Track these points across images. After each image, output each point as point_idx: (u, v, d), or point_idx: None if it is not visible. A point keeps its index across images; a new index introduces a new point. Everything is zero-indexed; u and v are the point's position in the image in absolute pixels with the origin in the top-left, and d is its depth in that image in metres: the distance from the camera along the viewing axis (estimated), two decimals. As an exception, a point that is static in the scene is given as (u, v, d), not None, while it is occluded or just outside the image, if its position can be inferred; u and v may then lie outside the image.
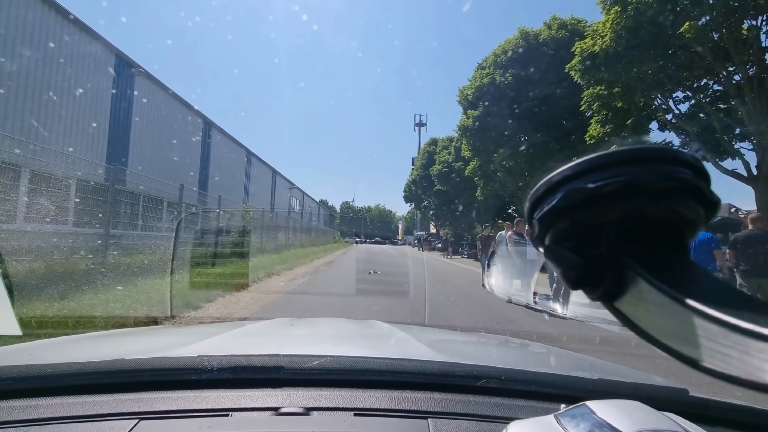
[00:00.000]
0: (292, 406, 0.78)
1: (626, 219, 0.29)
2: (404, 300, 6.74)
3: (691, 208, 0.29)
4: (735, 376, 0.22)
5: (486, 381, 0.87)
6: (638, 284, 0.28)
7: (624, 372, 1.28)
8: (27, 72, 9.66)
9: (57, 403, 0.78)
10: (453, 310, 6.21)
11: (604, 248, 0.30)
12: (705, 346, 0.24)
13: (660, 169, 0.28)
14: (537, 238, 0.33)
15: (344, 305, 6.35)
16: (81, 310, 4.32)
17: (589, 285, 0.31)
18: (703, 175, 0.29)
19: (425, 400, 0.82)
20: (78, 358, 0.91)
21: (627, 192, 0.28)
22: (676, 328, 0.25)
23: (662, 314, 0.26)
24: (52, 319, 3.89)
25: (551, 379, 0.94)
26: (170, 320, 4.60)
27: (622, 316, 0.30)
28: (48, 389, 0.81)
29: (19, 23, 9.52)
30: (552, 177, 0.31)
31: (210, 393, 0.82)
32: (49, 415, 0.74)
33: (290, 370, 0.87)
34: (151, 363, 0.87)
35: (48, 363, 0.85)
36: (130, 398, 0.80)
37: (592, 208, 0.29)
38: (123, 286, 5.64)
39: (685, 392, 0.88)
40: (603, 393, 0.78)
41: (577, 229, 0.30)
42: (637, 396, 0.67)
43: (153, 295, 5.31)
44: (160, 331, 1.91)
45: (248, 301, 6.26)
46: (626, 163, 0.29)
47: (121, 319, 4.14)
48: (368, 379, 0.88)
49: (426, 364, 0.92)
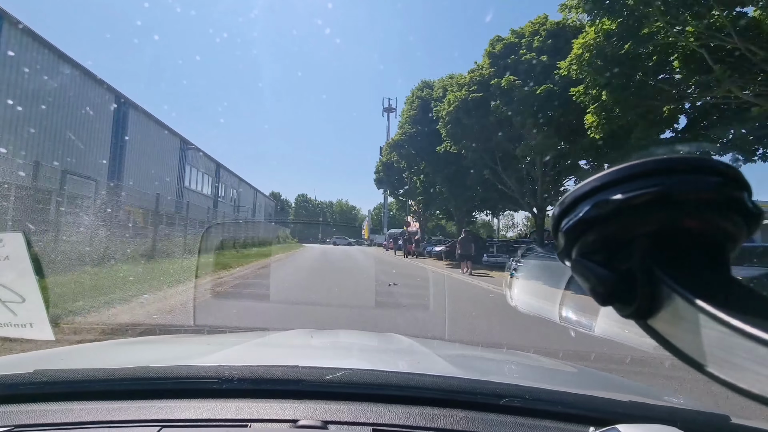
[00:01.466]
0: (311, 419, 0.77)
1: (660, 231, 0.28)
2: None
3: (730, 220, 0.27)
4: None
5: (509, 399, 0.84)
6: (674, 301, 0.26)
7: (658, 394, 1.21)
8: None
9: (85, 408, 0.80)
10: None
11: (636, 262, 0.28)
12: (750, 369, 0.22)
13: (695, 179, 0.27)
14: (563, 252, 0.32)
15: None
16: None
17: (620, 301, 0.29)
18: (743, 186, 0.27)
19: (446, 417, 0.80)
20: (106, 364, 0.94)
21: (660, 204, 0.27)
22: (717, 348, 0.24)
23: (701, 334, 0.25)
24: (87, 326, 4.03)
25: (579, 399, 0.89)
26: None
27: (657, 334, 0.28)
28: (78, 393, 0.84)
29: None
30: (580, 187, 0.30)
31: (230, 403, 0.83)
32: (77, 419, 0.77)
33: (309, 382, 0.87)
34: (174, 371, 0.89)
35: (78, 368, 0.89)
36: (154, 405, 0.81)
37: (622, 219, 0.28)
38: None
39: (727, 419, 0.82)
40: (635, 417, 0.74)
41: (606, 242, 0.29)
42: (672, 421, 0.63)
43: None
44: (184, 339, 1.95)
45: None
46: (659, 174, 0.27)
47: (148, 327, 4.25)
48: (388, 394, 0.87)
49: (447, 381, 0.90)
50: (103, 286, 6.04)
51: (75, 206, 8.71)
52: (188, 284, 7.26)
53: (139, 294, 6.03)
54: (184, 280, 7.70)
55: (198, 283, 7.85)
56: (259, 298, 6.67)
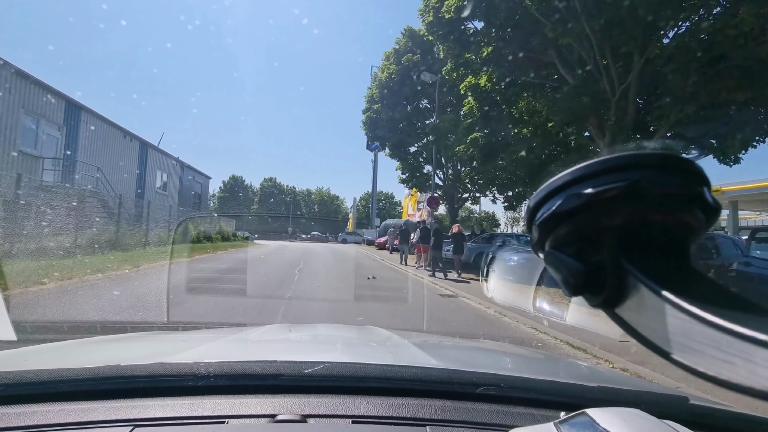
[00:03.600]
0: (290, 413, 0.77)
1: (628, 225, 0.29)
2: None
3: (692, 214, 0.29)
4: (738, 384, 0.22)
5: (485, 388, 0.87)
6: (639, 291, 0.28)
7: (624, 379, 1.27)
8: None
9: (51, 409, 0.77)
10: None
11: (605, 254, 0.29)
12: (707, 354, 0.23)
13: (661, 175, 0.28)
14: (537, 244, 0.32)
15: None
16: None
17: (590, 291, 0.30)
18: (704, 181, 0.29)
19: (424, 407, 0.82)
20: (74, 364, 0.90)
21: (628, 198, 0.28)
22: (678, 335, 0.25)
23: (664, 321, 0.26)
24: (48, 324, 3.83)
25: (551, 386, 0.93)
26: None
27: (623, 323, 0.29)
28: (43, 395, 0.81)
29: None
30: (552, 182, 0.31)
31: (207, 400, 0.81)
32: (43, 422, 0.73)
33: (288, 376, 0.87)
34: (147, 369, 0.86)
35: (43, 369, 0.85)
36: (126, 405, 0.79)
37: (592, 213, 0.29)
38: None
39: (686, 400, 0.87)
40: (603, 401, 0.77)
41: (577, 235, 0.30)
42: (637, 404, 0.66)
43: None
44: (157, 336, 1.90)
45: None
46: (627, 169, 0.28)
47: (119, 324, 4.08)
48: (367, 386, 0.87)
49: (425, 371, 0.92)
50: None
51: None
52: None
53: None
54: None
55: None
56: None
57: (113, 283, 6.93)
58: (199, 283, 7.37)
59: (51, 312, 4.59)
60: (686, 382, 2.86)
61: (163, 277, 8.08)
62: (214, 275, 8.88)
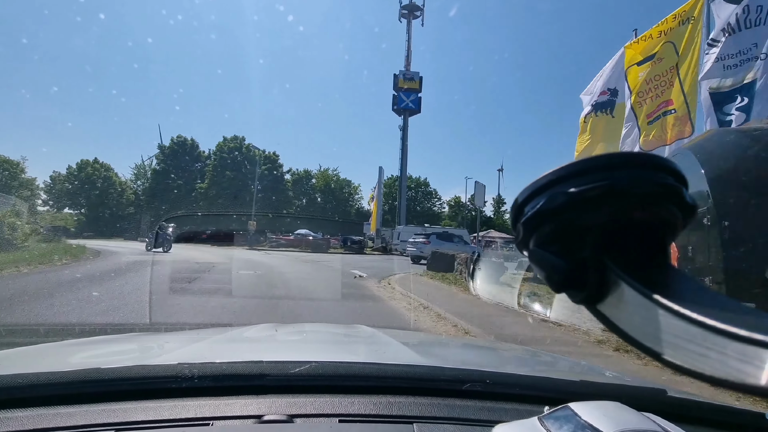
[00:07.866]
0: (276, 414, 0.76)
1: (611, 223, 0.30)
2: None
3: (671, 212, 0.30)
4: (713, 376, 0.23)
5: (471, 385, 0.87)
6: (619, 287, 0.29)
7: (605, 373, 1.30)
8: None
9: (29, 415, 0.74)
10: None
11: (588, 252, 0.30)
12: (683, 347, 0.24)
13: (643, 174, 0.29)
14: (521, 242, 0.33)
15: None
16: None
17: (573, 288, 0.31)
18: (682, 180, 0.30)
19: (410, 405, 0.82)
20: (52, 368, 0.87)
21: (610, 196, 0.29)
22: (656, 329, 0.26)
23: (642, 316, 0.27)
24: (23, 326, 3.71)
25: (535, 381, 0.95)
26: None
27: (605, 318, 0.30)
28: (20, 400, 0.78)
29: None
30: (537, 181, 0.31)
31: (190, 402, 0.80)
32: (19, 428, 0.71)
33: (274, 376, 0.86)
34: (128, 372, 0.84)
35: (18, 373, 0.82)
36: (106, 409, 0.77)
37: (576, 211, 0.30)
38: None
39: (664, 392, 0.90)
40: (585, 394, 0.79)
41: (561, 233, 0.31)
42: (618, 397, 0.68)
43: None
44: (139, 338, 1.86)
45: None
46: (610, 168, 0.29)
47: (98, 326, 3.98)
48: (353, 385, 0.87)
49: (411, 369, 0.92)
50: None
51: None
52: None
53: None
54: None
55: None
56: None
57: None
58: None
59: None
60: (666, 375, 2.94)
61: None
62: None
